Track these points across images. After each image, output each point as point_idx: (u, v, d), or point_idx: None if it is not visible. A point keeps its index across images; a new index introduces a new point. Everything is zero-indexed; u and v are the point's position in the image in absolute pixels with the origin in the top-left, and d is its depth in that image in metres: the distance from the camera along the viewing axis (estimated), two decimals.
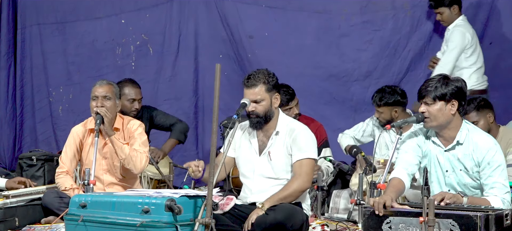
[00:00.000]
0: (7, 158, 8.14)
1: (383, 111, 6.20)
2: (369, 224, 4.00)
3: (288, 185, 4.60)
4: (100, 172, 5.48)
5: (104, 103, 5.39)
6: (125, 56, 7.92)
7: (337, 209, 5.99)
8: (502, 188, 4.27)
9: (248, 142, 4.78)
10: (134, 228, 3.98)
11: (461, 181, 4.40)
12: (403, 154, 4.51)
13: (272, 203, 4.48)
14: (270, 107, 4.67)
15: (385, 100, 6.17)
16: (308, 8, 7.37)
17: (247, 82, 4.66)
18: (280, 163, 4.67)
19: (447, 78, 4.34)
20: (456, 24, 6.71)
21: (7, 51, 8.16)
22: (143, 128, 5.60)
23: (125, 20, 7.92)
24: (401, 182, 4.36)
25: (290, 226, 4.39)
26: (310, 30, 7.44)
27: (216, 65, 3.97)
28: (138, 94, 6.46)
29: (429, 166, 4.47)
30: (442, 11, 6.73)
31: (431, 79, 4.36)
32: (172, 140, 6.67)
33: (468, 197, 4.22)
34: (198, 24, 7.75)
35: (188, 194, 4.13)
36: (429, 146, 4.48)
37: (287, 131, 4.69)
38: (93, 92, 5.45)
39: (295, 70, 7.38)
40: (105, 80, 5.55)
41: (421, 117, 4.85)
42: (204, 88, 7.73)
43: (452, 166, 4.41)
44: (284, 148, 4.67)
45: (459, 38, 6.58)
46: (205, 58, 7.71)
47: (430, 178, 4.47)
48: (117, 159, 5.42)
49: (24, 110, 8.26)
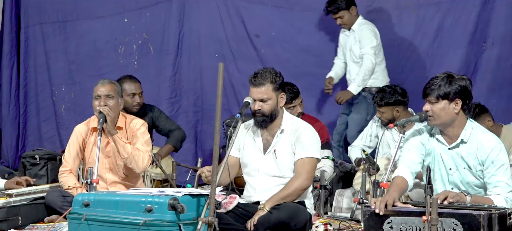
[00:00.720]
0: (11, 157, 8.15)
1: (385, 111, 6.21)
2: (370, 224, 3.99)
3: (289, 184, 4.59)
4: (102, 170, 5.46)
5: (107, 102, 5.38)
6: (127, 55, 7.92)
7: (340, 208, 5.99)
8: (505, 187, 4.27)
9: (252, 141, 4.77)
10: (137, 227, 3.98)
11: (465, 179, 4.39)
12: (407, 152, 4.50)
13: (273, 203, 4.48)
14: (276, 106, 4.66)
15: (386, 100, 6.18)
16: (314, 7, 7.38)
17: (254, 81, 4.64)
18: (286, 161, 4.67)
19: (452, 77, 4.34)
20: (359, 24, 6.84)
21: (10, 50, 8.17)
22: (146, 127, 5.59)
23: (128, 19, 7.92)
24: (404, 180, 4.35)
25: (293, 225, 4.39)
26: (316, 30, 7.46)
27: (219, 64, 3.98)
28: (137, 88, 6.49)
29: (433, 164, 4.47)
30: (342, 15, 6.85)
31: (436, 78, 4.36)
32: (169, 146, 6.67)
33: (471, 196, 4.21)
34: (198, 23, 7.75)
35: (191, 193, 4.14)
36: (433, 143, 4.47)
37: (291, 129, 4.69)
38: (96, 92, 5.44)
39: (302, 70, 7.39)
40: (107, 79, 5.54)
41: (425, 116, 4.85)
42: (204, 87, 7.73)
43: (455, 164, 4.40)
44: (289, 146, 4.67)
45: (372, 36, 6.72)
46: (206, 58, 7.71)
47: (433, 176, 4.46)
48: (119, 157, 5.42)
49: (28, 109, 8.27)
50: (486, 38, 6.90)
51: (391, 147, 6.30)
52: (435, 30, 7.11)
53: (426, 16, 7.14)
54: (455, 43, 7.04)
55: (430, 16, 7.12)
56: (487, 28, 6.90)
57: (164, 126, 6.72)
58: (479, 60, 6.92)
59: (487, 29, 6.90)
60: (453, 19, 7.04)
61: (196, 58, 7.78)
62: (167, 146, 6.66)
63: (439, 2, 7.06)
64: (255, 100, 4.64)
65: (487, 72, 6.91)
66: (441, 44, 7.08)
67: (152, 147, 5.73)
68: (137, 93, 6.46)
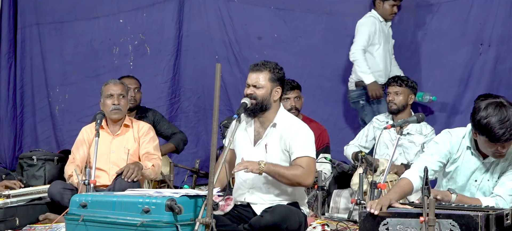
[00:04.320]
0: (8, 158, 8.14)
1: (402, 93, 6.23)
2: (366, 226, 3.95)
3: (293, 168, 4.51)
4: (107, 165, 5.60)
5: (120, 101, 5.62)
6: (122, 56, 7.91)
7: (338, 208, 5.99)
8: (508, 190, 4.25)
9: (244, 131, 4.72)
10: (134, 228, 3.98)
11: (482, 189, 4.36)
12: (427, 156, 4.36)
13: (269, 171, 4.43)
14: (268, 97, 4.62)
15: (406, 83, 6.21)
16: (316, 9, 7.39)
17: (253, 67, 4.66)
18: (275, 157, 4.60)
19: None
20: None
21: (7, 51, 8.16)
22: (154, 131, 5.82)
23: (123, 20, 7.92)
24: (410, 183, 4.22)
25: (285, 227, 4.34)
26: (318, 31, 7.47)
27: (217, 65, 3.97)
28: (132, 83, 6.58)
29: (455, 173, 4.39)
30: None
31: (507, 120, 4.06)
32: (171, 145, 6.71)
33: (457, 195, 4.22)
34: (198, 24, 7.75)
35: (188, 194, 4.13)
36: (464, 155, 4.35)
37: (285, 125, 4.62)
38: (108, 91, 5.64)
39: (304, 71, 7.40)
40: (116, 79, 5.82)
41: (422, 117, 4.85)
42: (204, 89, 7.73)
43: (482, 176, 4.35)
44: (280, 141, 4.61)
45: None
46: (205, 59, 7.71)
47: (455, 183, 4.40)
48: (123, 152, 5.57)
49: (25, 110, 8.26)
50: (483, 40, 6.90)
51: (389, 147, 6.31)
52: (433, 31, 7.11)
53: (425, 17, 7.14)
54: (453, 45, 7.04)
55: (429, 18, 7.12)
56: (484, 30, 6.90)
57: (167, 129, 6.76)
58: (476, 62, 6.92)
59: (484, 31, 6.89)
60: (450, 20, 7.04)
61: (196, 59, 7.77)
62: (169, 145, 6.69)
63: (437, 3, 7.06)
64: (249, 85, 4.63)
65: (484, 75, 6.90)
66: (439, 45, 7.09)
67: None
68: (132, 88, 6.50)
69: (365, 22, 6.80)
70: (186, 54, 7.79)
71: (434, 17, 7.06)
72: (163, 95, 7.76)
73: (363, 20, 6.82)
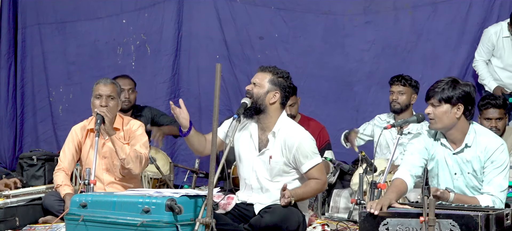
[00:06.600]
0: (8, 158, 8.14)
1: (406, 93, 6.22)
2: (366, 226, 3.96)
3: (310, 183, 4.59)
4: (99, 171, 5.46)
5: (108, 102, 5.38)
6: (125, 56, 7.92)
7: (338, 208, 5.99)
8: (498, 187, 4.28)
9: (249, 135, 4.71)
10: (134, 228, 3.98)
11: (470, 184, 4.38)
12: (409, 156, 4.47)
13: (297, 199, 4.52)
14: (263, 97, 4.59)
15: (409, 82, 6.21)
16: (315, 9, 7.39)
17: (260, 67, 4.71)
18: (278, 169, 4.62)
19: (456, 82, 4.32)
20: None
21: (7, 51, 8.16)
22: (143, 128, 5.59)
23: (126, 20, 7.92)
24: (404, 183, 4.33)
25: (285, 227, 4.37)
26: (317, 31, 7.48)
27: (217, 65, 3.97)
28: (126, 84, 6.53)
29: (437, 168, 4.45)
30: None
31: (440, 81, 4.35)
32: (173, 127, 6.64)
33: (455, 194, 4.23)
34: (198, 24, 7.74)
35: (188, 194, 4.14)
36: (437, 148, 4.45)
37: (284, 136, 4.60)
38: (97, 91, 5.42)
39: (304, 71, 7.41)
40: (109, 79, 5.56)
41: (422, 117, 4.86)
42: (204, 88, 7.72)
43: (460, 168, 4.39)
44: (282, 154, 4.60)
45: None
46: (206, 59, 7.71)
47: (438, 181, 4.45)
48: (116, 158, 5.40)
49: (25, 110, 8.26)
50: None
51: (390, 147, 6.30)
52: (430, 31, 7.11)
53: (422, 17, 7.15)
54: (449, 44, 7.05)
55: (426, 17, 7.13)
56: (481, 30, 6.90)
57: (167, 120, 6.72)
58: (473, 61, 6.92)
59: (481, 30, 6.90)
60: (447, 20, 7.05)
61: (196, 59, 7.77)
62: (172, 126, 6.64)
63: (434, 3, 7.07)
64: (251, 83, 4.66)
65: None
66: (436, 45, 7.09)
67: (150, 149, 5.72)
68: (126, 89, 6.46)
69: None
70: (185, 54, 7.79)
71: (430, 17, 7.06)
72: (163, 95, 7.76)
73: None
